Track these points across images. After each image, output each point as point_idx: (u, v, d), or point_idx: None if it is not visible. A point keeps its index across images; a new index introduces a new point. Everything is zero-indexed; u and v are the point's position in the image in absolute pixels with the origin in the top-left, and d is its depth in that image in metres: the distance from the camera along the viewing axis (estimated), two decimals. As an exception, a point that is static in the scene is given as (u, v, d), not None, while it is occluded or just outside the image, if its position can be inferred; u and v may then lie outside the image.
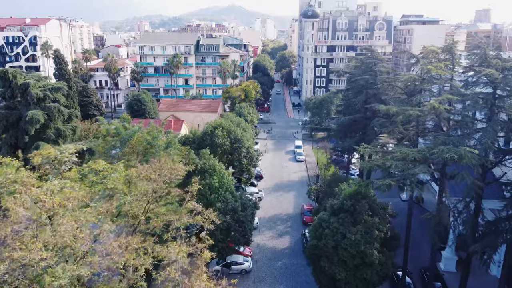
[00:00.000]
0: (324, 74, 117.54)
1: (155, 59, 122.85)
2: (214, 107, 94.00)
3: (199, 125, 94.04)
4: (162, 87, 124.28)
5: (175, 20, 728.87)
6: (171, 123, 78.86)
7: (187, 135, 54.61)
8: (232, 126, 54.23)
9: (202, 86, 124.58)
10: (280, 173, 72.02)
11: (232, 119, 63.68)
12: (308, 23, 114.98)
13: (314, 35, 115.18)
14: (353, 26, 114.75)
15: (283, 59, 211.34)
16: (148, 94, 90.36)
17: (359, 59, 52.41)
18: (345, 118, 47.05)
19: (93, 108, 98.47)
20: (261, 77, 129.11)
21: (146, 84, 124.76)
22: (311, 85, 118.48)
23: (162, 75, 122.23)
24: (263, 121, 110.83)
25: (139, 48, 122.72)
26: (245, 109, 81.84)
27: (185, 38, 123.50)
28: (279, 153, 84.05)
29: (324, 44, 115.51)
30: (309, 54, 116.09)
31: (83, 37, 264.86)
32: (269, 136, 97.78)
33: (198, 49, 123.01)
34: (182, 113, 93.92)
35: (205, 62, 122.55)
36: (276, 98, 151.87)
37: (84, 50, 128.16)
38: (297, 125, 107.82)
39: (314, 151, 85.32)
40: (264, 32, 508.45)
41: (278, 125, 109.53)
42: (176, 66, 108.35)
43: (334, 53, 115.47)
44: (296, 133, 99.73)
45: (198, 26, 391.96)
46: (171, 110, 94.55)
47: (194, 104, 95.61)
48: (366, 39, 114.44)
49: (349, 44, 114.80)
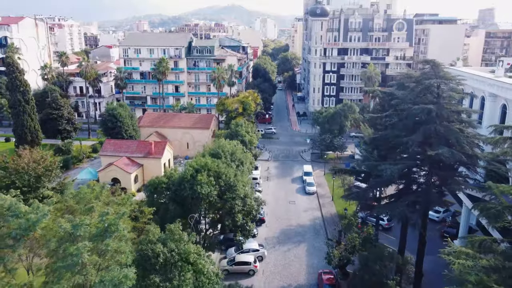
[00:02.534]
0: (334, 81, 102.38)
1: (141, 63, 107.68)
2: (206, 123, 78.87)
3: (188, 145, 79.00)
4: (150, 95, 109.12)
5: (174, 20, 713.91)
6: (151, 146, 63.77)
7: (160, 179, 39.38)
8: (221, 167, 39.03)
9: (194, 94, 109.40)
10: (286, 212, 56.88)
11: (224, 149, 48.63)
12: (316, 22, 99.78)
13: (323, 36, 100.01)
14: (367, 26, 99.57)
15: (285, 61, 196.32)
16: (125, 108, 75.20)
17: (410, 75, 36.90)
18: (388, 166, 31.16)
19: (65, 122, 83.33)
20: (261, 84, 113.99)
21: (131, 92, 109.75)
22: (319, 94, 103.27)
23: (149, 82, 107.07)
24: (264, 135, 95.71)
25: (122, 50, 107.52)
26: (243, 128, 66.75)
27: (175, 40, 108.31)
28: (285, 181, 68.92)
29: (335, 47, 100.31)
30: (317, 58, 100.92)
31: (73, 37, 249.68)
32: (271, 156, 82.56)
33: (190, 52, 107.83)
34: (168, 130, 78.95)
35: (198, 66, 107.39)
36: (278, 104, 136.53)
37: (61, 52, 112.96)
38: (304, 140, 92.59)
39: (327, 178, 70.14)
40: (264, 31, 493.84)
41: (282, 140, 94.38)
42: (163, 73, 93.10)
43: (346, 56, 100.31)
44: (304, 152, 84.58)
45: (196, 26, 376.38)
46: (154, 126, 79.52)
47: (182, 118, 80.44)
48: (383, 41, 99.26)
49: (363, 47, 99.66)
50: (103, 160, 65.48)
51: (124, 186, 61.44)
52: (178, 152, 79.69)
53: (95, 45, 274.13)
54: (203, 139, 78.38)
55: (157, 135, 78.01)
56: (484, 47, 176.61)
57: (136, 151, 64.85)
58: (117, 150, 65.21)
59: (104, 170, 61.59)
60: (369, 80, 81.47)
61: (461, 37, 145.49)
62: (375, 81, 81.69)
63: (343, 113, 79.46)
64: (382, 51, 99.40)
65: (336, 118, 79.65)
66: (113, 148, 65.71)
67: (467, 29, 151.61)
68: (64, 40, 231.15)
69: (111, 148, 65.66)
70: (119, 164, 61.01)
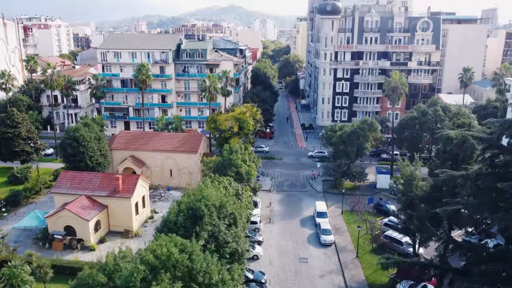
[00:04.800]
0: (347, 90, 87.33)
1: (122, 69, 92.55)
2: (193, 145, 63.79)
3: (172, 172, 63.89)
4: (132, 106, 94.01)
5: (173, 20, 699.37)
6: (118, 182, 48.67)
7: (95, 278, 24.05)
8: (198, 258, 23.78)
9: (184, 105, 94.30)
10: (296, 277, 41.77)
11: (209, 201, 33.65)
12: (326, 21, 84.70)
13: (334, 37, 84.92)
14: (386, 26, 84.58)
15: (287, 64, 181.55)
16: (92, 127, 60.02)
17: None
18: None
19: (23, 142, 68.28)
20: (261, 92, 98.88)
21: (110, 102, 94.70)
22: (329, 105, 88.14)
23: (132, 90, 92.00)
24: (265, 154, 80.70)
25: (100, 54, 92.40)
26: (238, 155, 51.86)
27: (162, 42, 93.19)
28: (292, 224, 53.81)
29: (348, 50, 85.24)
30: (326, 63, 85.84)
31: (61, 38, 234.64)
32: (273, 184, 67.51)
33: (179, 55, 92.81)
34: (146, 154, 63.97)
35: (188, 73, 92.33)
36: (280, 112, 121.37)
37: (29, 57, 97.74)
38: (312, 162, 77.67)
39: (346, 218, 55.14)
40: (264, 32, 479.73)
41: (286, 161, 79.39)
42: (143, 81, 77.91)
43: (361, 61, 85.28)
44: (314, 179, 69.53)
45: (194, 26, 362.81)
46: (129, 148, 64.45)
47: (164, 139, 65.33)
48: (405, 43, 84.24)
49: (381, 50, 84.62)
50: (57, 199, 50.38)
51: (80, 237, 46.45)
52: (159, 181, 64.71)
53: (88, 46, 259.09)
54: (189, 165, 63.43)
55: (133, 161, 62.97)
56: (505, 48, 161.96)
57: (99, 188, 49.79)
58: (74, 187, 50.11)
59: (55, 216, 46.52)
60: (393, 92, 66.51)
61: (483, 38, 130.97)
62: (401, 93, 66.83)
63: (363, 133, 64.43)
64: (404, 55, 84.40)
65: (354, 138, 64.63)
66: (70, 183, 50.60)
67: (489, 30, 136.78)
68: (50, 42, 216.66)
69: (67, 184, 50.55)
70: (73, 209, 45.93)
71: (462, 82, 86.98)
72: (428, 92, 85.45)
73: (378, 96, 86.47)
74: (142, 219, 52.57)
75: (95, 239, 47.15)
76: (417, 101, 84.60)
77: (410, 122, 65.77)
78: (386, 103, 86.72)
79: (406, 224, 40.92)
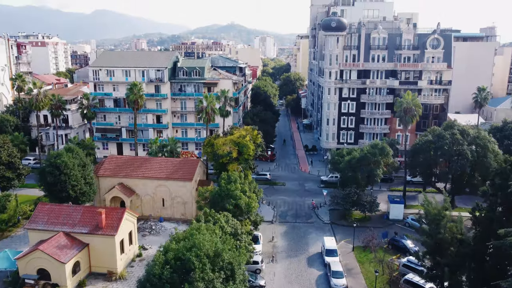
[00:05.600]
0: (353, 111, 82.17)
1: (115, 87, 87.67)
2: (188, 172, 58.13)
3: (164, 201, 58.10)
4: (125, 127, 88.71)
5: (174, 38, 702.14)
6: (101, 216, 42.94)
7: None
8: None
9: (180, 126, 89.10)
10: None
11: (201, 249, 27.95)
12: (330, 38, 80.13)
13: (339, 54, 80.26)
14: (394, 43, 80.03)
15: (288, 83, 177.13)
16: (77, 152, 54.50)
17: None
18: None
19: (3, 168, 62.56)
20: (262, 113, 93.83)
21: (102, 123, 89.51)
22: (334, 127, 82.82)
23: (125, 110, 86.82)
24: (267, 181, 75.04)
25: (93, 72, 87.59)
26: (237, 185, 46.30)
27: (157, 60, 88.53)
28: (298, 264, 47.68)
29: (354, 68, 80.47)
30: (331, 82, 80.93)
31: (58, 56, 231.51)
32: (275, 214, 61.63)
33: (175, 74, 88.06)
34: (136, 181, 58.33)
35: (184, 92, 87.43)
36: (281, 132, 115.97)
37: (16, 75, 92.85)
38: (318, 188, 72.00)
39: (358, 255, 49.11)
40: (264, 50, 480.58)
41: (289, 187, 73.65)
42: (134, 102, 72.75)
43: (368, 80, 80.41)
44: (320, 208, 63.67)
45: (193, 44, 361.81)
46: (118, 175, 58.73)
47: (156, 165, 59.67)
48: (414, 61, 79.51)
49: (389, 68, 79.84)
50: (32, 236, 44.47)
51: (55, 281, 40.39)
52: (150, 211, 58.83)
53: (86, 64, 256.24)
54: (184, 194, 57.64)
55: (121, 189, 57.22)
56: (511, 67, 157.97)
57: (80, 224, 43.93)
58: (52, 222, 44.26)
59: (26, 257, 40.50)
60: (406, 114, 61.30)
61: (491, 56, 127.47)
62: (414, 115, 61.61)
63: (374, 158, 58.87)
64: (414, 73, 79.56)
65: (364, 164, 59.11)
66: (47, 218, 44.77)
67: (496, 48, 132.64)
68: (46, 59, 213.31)
69: (43, 219, 44.71)
70: (47, 249, 39.98)
71: (477, 103, 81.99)
72: (439, 113, 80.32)
73: (386, 117, 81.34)
74: (129, 258, 46.55)
75: (73, 283, 41.05)
76: (428, 122, 79.47)
77: (424, 146, 60.28)
78: (395, 124, 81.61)
79: (432, 272, 35.00)
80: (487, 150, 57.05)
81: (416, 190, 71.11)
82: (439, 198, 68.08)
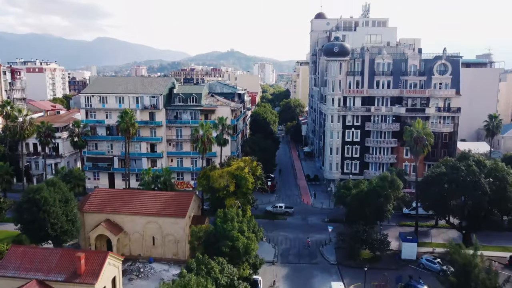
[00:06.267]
0: (357, 139, 78.02)
1: (108, 115, 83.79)
2: (181, 207, 53.25)
3: (155, 240, 52.97)
4: (118, 156, 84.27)
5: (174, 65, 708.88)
6: (80, 261, 37.87)
7: None
8: None
9: (175, 155, 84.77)
10: None
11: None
12: (333, 63, 76.91)
13: (342, 81, 76.84)
14: (399, 68, 76.78)
15: (288, 109, 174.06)
16: (59, 186, 49.77)
17: None
18: None
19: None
20: (262, 141, 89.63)
21: (93, 151, 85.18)
22: (338, 156, 78.44)
23: (117, 139, 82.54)
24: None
25: (85, 99, 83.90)
26: (235, 224, 41.53)
27: (152, 86, 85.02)
28: (302, 314, 42.24)
29: (358, 95, 76.88)
30: (335, 109, 77.14)
31: (56, 82, 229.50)
32: (277, 253, 56.30)
33: (171, 100, 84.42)
34: (124, 217, 53.37)
35: (180, 119, 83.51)
36: (282, 160, 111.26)
37: (4, 101, 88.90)
38: (322, 223, 66.91)
39: (369, 304, 43.62)
40: (263, 76, 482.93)
41: (291, 221, 68.54)
42: (125, 130, 68.60)
43: (372, 107, 76.66)
44: (325, 246, 58.40)
45: (193, 70, 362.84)
46: (105, 211, 53.82)
47: (146, 199, 54.86)
48: (421, 88, 76.04)
49: (395, 95, 76.25)
50: (1, 284, 39.18)
51: None
52: (139, 250, 53.60)
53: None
54: (176, 232, 52.58)
55: (108, 226, 52.17)
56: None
57: (56, 270, 38.70)
58: (24, 268, 39.05)
59: (-10, 311, 35.23)
60: (416, 144, 57.03)
61: (495, 83, 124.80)
62: (426, 145, 57.34)
63: (383, 192, 54.15)
64: (421, 100, 75.89)
65: (372, 198, 54.35)
66: (20, 262, 39.59)
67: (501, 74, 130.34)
68: (43, 85, 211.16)
69: (15, 263, 39.52)
70: (14, 302, 34.75)
71: (489, 131, 77.96)
72: (448, 141, 76.15)
73: (393, 146, 77.11)
74: (111, 309, 41.07)
75: None
76: (437, 151, 75.20)
77: (437, 179, 55.67)
78: (402, 153, 77.33)
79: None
80: (506, 183, 52.54)
81: (428, 225, 66.10)
82: (452, 234, 63.83)
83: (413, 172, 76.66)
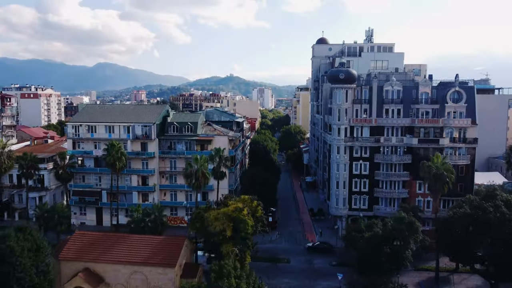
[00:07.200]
0: (366, 172, 71.97)
1: (97, 145, 78.01)
2: (170, 254, 46.60)
3: (139, 294, 45.91)
4: (106, 189, 77.77)
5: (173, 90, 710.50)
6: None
7: None
8: None
9: (169, 188, 78.56)
10: None
11: None
12: (338, 91, 71.78)
13: (348, 109, 71.51)
14: (410, 96, 71.60)
15: (288, 135, 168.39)
16: (29, 234, 43.22)
17: None
18: None
19: None
20: (263, 172, 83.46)
21: (80, 185, 79.01)
22: (345, 190, 72.22)
23: (106, 171, 75.78)
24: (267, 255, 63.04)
25: (72, 128, 78.30)
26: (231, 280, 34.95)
27: (145, 114, 79.60)
28: None
29: (366, 124, 71.40)
30: (341, 140, 71.50)
31: (51, 107, 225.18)
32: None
33: (165, 129, 78.90)
34: (106, 266, 46.50)
35: (175, 150, 77.72)
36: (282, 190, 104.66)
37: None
38: (330, 267, 59.96)
39: None
40: (262, 101, 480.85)
41: (294, 265, 61.54)
42: (112, 164, 62.61)
43: (382, 138, 71.01)
44: (334, 298, 51.40)
45: (192, 96, 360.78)
46: (84, 258, 47.15)
47: (132, 244, 48.27)
48: (434, 117, 70.63)
49: (406, 124, 70.72)
50: None
51: None
52: (122, 305, 46.55)
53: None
54: (164, 284, 45.65)
55: (86, 277, 45.32)
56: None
57: None
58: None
59: None
60: (436, 181, 51.08)
61: (504, 109, 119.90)
62: (447, 182, 51.39)
63: (400, 235, 47.68)
64: (434, 130, 70.34)
65: (388, 243, 47.83)
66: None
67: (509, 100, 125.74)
68: (38, 111, 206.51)
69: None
70: None
71: (510, 164, 71.84)
72: (465, 175, 70.07)
73: (404, 179, 70.97)
74: None
75: None
76: (453, 186, 68.84)
77: (460, 220, 49.31)
78: (415, 187, 71.05)
79: None
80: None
81: (448, 269, 59.21)
82: (475, 280, 57.06)
83: (427, 208, 70.56)
